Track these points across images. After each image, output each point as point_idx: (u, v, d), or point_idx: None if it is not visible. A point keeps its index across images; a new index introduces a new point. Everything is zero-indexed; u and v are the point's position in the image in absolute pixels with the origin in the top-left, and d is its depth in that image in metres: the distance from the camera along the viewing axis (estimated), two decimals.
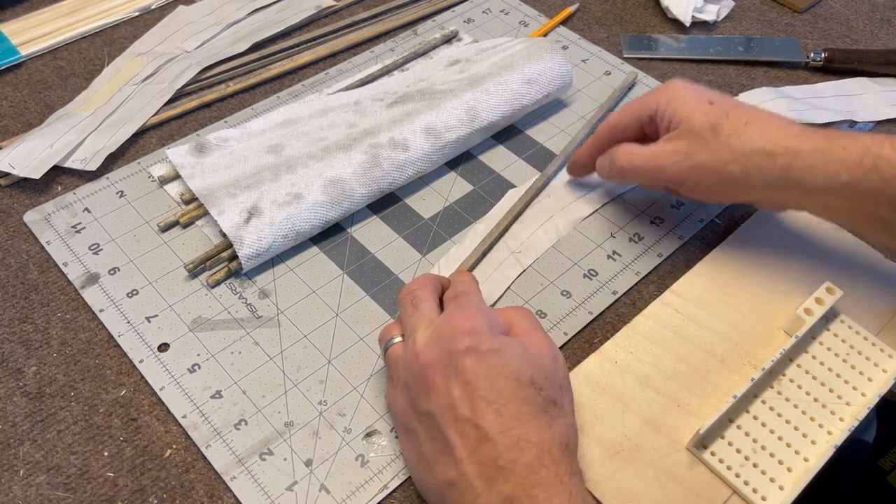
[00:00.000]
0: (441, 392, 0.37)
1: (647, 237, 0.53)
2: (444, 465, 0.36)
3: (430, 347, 0.38)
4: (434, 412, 0.37)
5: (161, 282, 0.49)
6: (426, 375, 0.37)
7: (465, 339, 0.37)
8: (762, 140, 0.44)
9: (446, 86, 0.57)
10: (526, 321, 0.41)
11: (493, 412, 0.36)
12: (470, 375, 0.36)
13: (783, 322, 0.48)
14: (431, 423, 0.37)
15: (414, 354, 0.39)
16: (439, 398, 0.37)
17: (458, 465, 0.35)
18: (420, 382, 0.38)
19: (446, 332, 0.38)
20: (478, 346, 0.37)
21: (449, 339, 0.38)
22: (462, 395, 0.36)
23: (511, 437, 0.35)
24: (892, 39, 0.71)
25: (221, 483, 0.41)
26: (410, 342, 0.40)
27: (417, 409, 0.38)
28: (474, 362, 0.37)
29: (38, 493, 0.40)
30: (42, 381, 0.44)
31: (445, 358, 0.37)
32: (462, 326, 0.38)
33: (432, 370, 0.37)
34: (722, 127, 0.45)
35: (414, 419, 0.38)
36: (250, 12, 0.68)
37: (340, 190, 0.51)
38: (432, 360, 0.38)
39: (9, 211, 0.53)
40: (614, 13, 0.72)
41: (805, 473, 0.41)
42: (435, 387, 0.37)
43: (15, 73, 0.63)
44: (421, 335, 0.39)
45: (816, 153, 0.43)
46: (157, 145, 0.58)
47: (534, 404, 0.36)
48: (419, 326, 0.40)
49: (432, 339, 0.39)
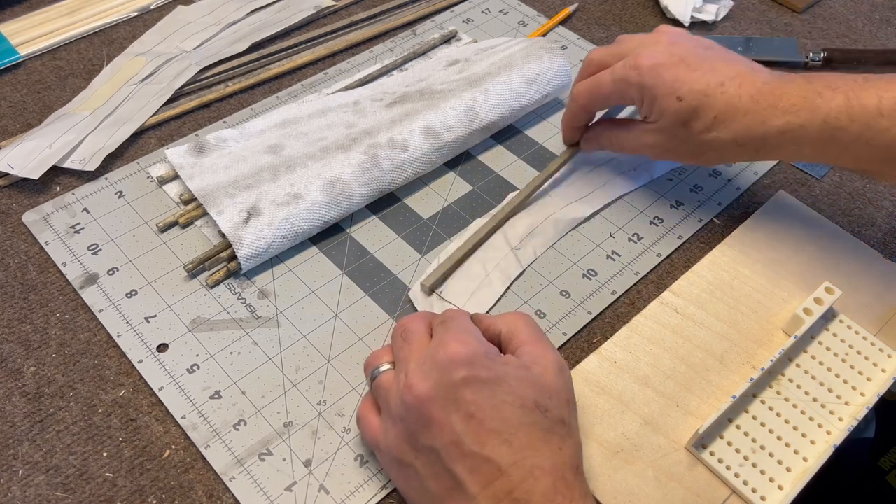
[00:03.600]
0: (443, 427, 0.35)
1: (646, 237, 0.53)
2: (455, 501, 0.35)
3: (424, 379, 0.36)
4: (438, 448, 0.35)
5: (160, 282, 0.49)
6: (424, 410, 0.35)
7: (461, 369, 0.36)
8: (730, 132, 0.46)
9: (445, 86, 0.57)
10: (528, 330, 0.40)
11: (503, 443, 0.34)
12: (473, 407, 0.35)
13: (782, 322, 0.48)
14: (435, 459, 0.35)
15: (408, 387, 0.36)
16: (442, 434, 0.35)
17: (470, 501, 0.34)
18: (418, 417, 0.36)
19: (440, 362, 0.36)
20: (477, 375, 0.36)
21: (444, 369, 0.36)
22: (467, 430, 0.35)
23: (524, 467, 0.34)
24: (891, 39, 0.71)
25: (220, 483, 0.41)
26: (403, 375, 0.37)
27: (416, 445, 0.36)
28: (475, 392, 0.35)
29: (36, 493, 0.40)
30: (41, 382, 0.44)
31: (443, 391, 0.35)
32: (456, 354, 0.36)
33: (431, 404, 0.35)
34: (692, 125, 0.47)
35: (410, 454, 0.36)
36: (249, 12, 0.68)
37: (339, 190, 0.51)
38: (429, 394, 0.36)
39: (7, 211, 0.53)
40: (613, 13, 0.72)
41: (804, 473, 0.41)
42: (435, 421, 0.35)
43: (14, 74, 0.63)
44: (413, 367, 0.37)
45: (780, 136, 0.45)
46: (157, 145, 0.57)
47: (542, 428, 0.35)
48: (411, 359, 0.38)
49: (426, 371, 0.36)
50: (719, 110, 0.46)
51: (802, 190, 0.57)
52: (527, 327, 0.40)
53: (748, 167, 0.58)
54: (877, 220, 0.55)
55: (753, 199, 0.56)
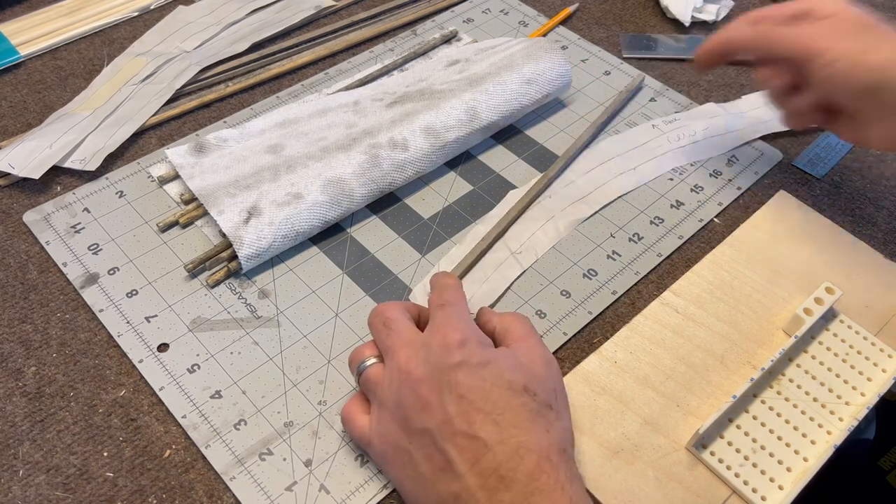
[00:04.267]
0: (436, 408, 0.36)
1: (646, 237, 0.53)
2: (445, 482, 0.36)
3: (420, 364, 0.38)
4: (431, 428, 0.36)
5: (160, 282, 0.49)
6: (419, 392, 0.37)
7: (455, 354, 0.37)
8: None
9: (446, 86, 0.57)
10: (521, 327, 0.41)
11: (491, 423, 0.35)
12: (464, 389, 0.36)
13: (782, 322, 0.48)
14: (428, 440, 0.36)
15: (403, 373, 0.38)
16: (434, 415, 0.36)
17: (459, 478, 0.35)
18: (414, 400, 0.37)
19: (436, 347, 0.38)
20: (469, 360, 0.37)
21: (439, 353, 0.37)
22: (458, 410, 0.36)
23: (510, 445, 0.35)
24: None
25: (221, 483, 0.41)
26: (395, 362, 0.39)
27: (410, 428, 0.37)
28: (467, 376, 0.37)
29: (37, 493, 0.40)
30: (41, 382, 0.44)
31: (437, 374, 0.37)
32: (452, 339, 0.38)
33: (425, 386, 0.37)
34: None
35: (405, 439, 0.37)
36: (250, 12, 0.68)
37: (340, 190, 0.51)
38: (424, 377, 0.37)
39: (8, 211, 0.53)
40: (614, 13, 0.72)
41: (804, 473, 0.41)
42: (429, 403, 0.37)
43: (14, 74, 0.63)
44: (405, 353, 0.39)
45: None
46: (157, 145, 0.58)
47: (530, 410, 0.36)
48: (398, 346, 0.39)
49: (422, 356, 0.38)
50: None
51: (803, 190, 0.57)
52: (521, 326, 0.41)
53: (749, 167, 0.58)
54: (877, 220, 0.55)
55: (754, 199, 0.56)
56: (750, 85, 0.65)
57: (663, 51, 0.68)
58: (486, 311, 0.44)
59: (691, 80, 0.65)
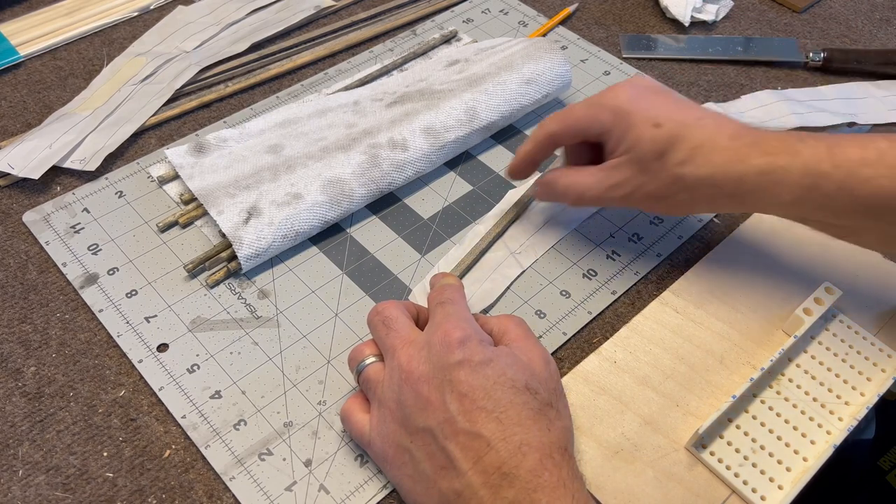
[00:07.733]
0: (437, 407, 0.36)
1: (646, 237, 0.53)
2: (447, 480, 0.36)
3: (420, 363, 0.38)
4: (432, 427, 0.36)
5: (160, 282, 0.49)
6: (421, 391, 0.37)
7: (456, 352, 0.37)
8: (708, 167, 0.43)
9: (445, 86, 0.57)
10: (518, 328, 0.41)
11: (493, 420, 0.35)
12: (465, 388, 0.36)
13: (782, 322, 0.48)
14: (430, 439, 0.36)
15: (404, 372, 0.38)
16: (436, 413, 0.36)
17: (461, 476, 0.35)
18: (415, 399, 0.37)
19: (437, 345, 0.38)
20: (470, 358, 0.37)
21: (440, 352, 0.38)
22: (460, 409, 0.36)
23: (513, 442, 0.35)
24: (891, 39, 0.71)
25: (221, 483, 0.41)
26: (395, 361, 0.39)
27: (411, 427, 0.37)
28: (468, 374, 0.37)
29: (37, 493, 0.40)
30: (41, 382, 0.44)
31: (439, 373, 0.37)
32: (453, 337, 0.38)
33: (426, 385, 0.37)
34: (669, 156, 0.43)
35: (406, 438, 0.37)
36: (249, 12, 0.68)
37: (340, 190, 0.51)
38: (425, 375, 0.37)
39: (8, 211, 0.53)
40: (613, 13, 0.72)
41: (804, 473, 0.41)
42: (430, 402, 0.37)
43: (14, 74, 0.63)
44: (406, 352, 0.39)
45: (760, 176, 0.42)
46: (157, 145, 0.58)
47: (531, 409, 0.36)
48: (398, 345, 0.39)
49: (422, 354, 0.38)
50: (698, 141, 0.43)
51: None
52: (517, 327, 0.42)
53: None
54: None
55: None
56: (750, 85, 0.65)
57: (663, 51, 0.68)
58: (479, 315, 0.44)
59: (691, 80, 0.65)
